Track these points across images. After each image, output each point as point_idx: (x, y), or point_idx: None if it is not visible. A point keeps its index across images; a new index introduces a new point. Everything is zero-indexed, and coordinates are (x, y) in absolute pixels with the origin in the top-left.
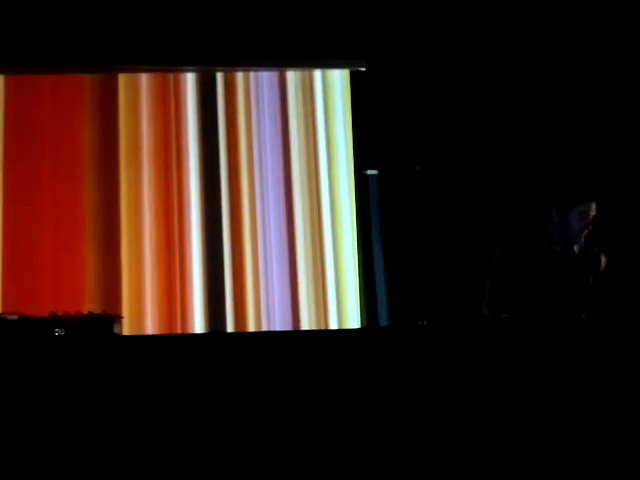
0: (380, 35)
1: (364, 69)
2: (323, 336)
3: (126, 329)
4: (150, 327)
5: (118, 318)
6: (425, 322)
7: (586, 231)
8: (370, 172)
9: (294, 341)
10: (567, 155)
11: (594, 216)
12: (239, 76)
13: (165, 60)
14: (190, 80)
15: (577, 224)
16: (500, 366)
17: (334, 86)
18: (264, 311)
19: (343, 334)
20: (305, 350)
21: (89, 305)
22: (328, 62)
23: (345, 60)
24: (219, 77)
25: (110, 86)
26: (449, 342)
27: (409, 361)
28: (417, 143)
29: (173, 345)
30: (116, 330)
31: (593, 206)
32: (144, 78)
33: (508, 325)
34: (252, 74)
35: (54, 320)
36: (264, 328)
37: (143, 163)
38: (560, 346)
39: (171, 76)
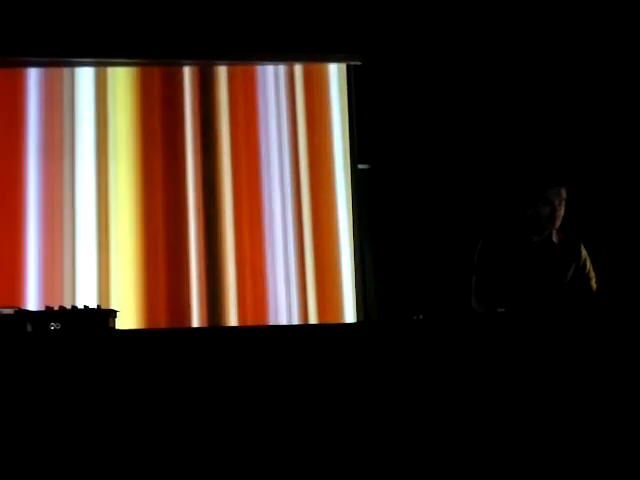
0: (376, 29)
1: (360, 63)
2: (318, 330)
3: (123, 323)
4: (147, 321)
5: (114, 312)
6: (421, 316)
7: (557, 217)
8: (362, 166)
9: (289, 336)
10: (537, 144)
11: (565, 204)
12: (235, 70)
13: (163, 54)
14: (187, 73)
15: (542, 210)
16: (496, 360)
17: (331, 80)
18: (258, 305)
19: (338, 329)
20: (301, 345)
21: (84, 299)
22: (324, 56)
23: (341, 54)
24: (215, 71)
25: (103, 78)
26: (445, 336)
27: (405, 356)
28: (411, 137)
29: (170, 339)
30: (112, 324)
31: (558, 192)
32: (140, 71)
33: (503, 319)
34: (248, 68)
35: (50, 314)
36: (259, 322)
37: (138, 155)
38: (552, 338)
39: (168, 69)
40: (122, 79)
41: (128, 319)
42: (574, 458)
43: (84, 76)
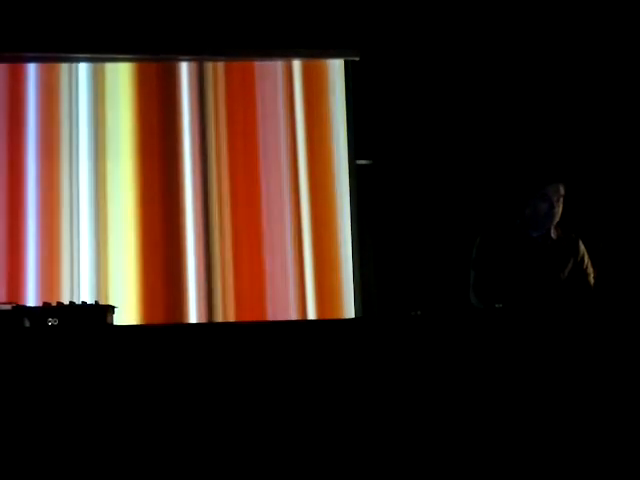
0: (374, 25)
1: (358, 59)
2: (318, 326)
3: (121, 319)
4: (145, 317)
5: (112, 308)
6: (419, 312)
7: (555, 214)
8: (361, 162)
9: (289, 331)
10: (536, 141)
11: (564, 200)
12: (233, 66)
13: (161, 50)
14: (185, 69)
15: (541, 206)
16: (494, 355)
17: (330, 76)
18: (257, 300)
19: (337, 324)
20: (300, 340)
21: (82, 295)
22: (322, 52)
23: (339, 50)
24: (213, 67)
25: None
26: (443, 332)
27: (403, 351)
28: (410, 133)
29: (168, 335)
30: (110, 320)
31: (556, 188)
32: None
33: (501, 314)
34: (246, 64)
35: (47, 310)
36: (258, 318)
37: (136, 151)
38: (550, 334)
39: (166, 65)
40: (120, 75)
41: (126, 315)
42: (571, 454)
43: (81, 71)
